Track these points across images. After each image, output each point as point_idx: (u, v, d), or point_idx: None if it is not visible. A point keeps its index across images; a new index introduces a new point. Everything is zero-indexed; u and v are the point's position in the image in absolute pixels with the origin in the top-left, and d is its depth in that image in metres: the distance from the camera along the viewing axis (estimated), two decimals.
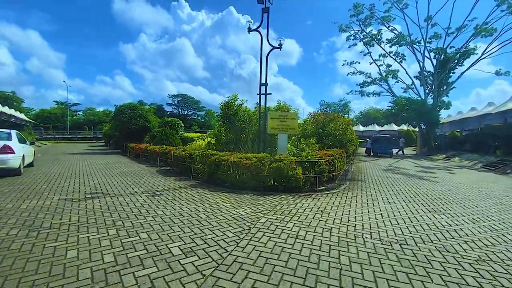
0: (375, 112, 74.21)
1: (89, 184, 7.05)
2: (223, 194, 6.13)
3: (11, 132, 8.32)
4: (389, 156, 20.77)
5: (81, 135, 53.02)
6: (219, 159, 7.05)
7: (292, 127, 8.32)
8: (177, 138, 15.68)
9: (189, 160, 8.66)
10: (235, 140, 10.85)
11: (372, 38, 27.29)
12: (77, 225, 3.82)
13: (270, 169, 6.44)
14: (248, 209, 4.87)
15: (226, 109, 10.54)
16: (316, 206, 5.27)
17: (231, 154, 7.47)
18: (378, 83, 30.46)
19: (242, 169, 6.58)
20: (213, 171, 7.21)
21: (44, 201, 5.07)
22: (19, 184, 6.73)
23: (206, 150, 8.59)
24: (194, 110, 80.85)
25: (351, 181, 8.48)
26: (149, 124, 21.83)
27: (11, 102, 54.51)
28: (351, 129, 12.90)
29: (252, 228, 3.90)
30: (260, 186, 6.63)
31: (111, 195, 5.75)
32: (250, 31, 8.37)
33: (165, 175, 9.04)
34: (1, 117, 22.50)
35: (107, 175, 8.79)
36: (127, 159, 15.21)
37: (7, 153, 7.38)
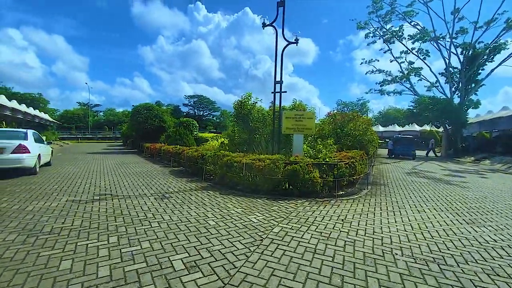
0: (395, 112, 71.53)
1: (100, 184, 6.94)
2: (235, 197, 5.77)
3: (28, 132, 8.42)
4: (412, 158, 19.61)
5: (101, 135, 54.97)
6: (231, 161, 6.71)
7: (308, 127, 7.83)
8: (191, 138, 15.57)
9: (201, 160, 8.40)
10: (248, 140, 10.50)
11: (393, 34, 26.03)
12: (78, 230, 3.59)
13: (284, 171, 6.01)
14: (261, 216, 4.47)
15: (239, 108, 10.21)
16: (336, 214, 4.78)
17: (244, 155, 7.11)
18: (399, 82, 29.07)
19: (255, 171, 6.19)
20: (225, 173, 6.88)
21: (51, 203, 4.93)
22: (32, 183, 6.72)
23: (218, 151, 8.29)
24: (210, 111, 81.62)
25: (373, 185, 7.86)
26: (165, 124, 21.99)
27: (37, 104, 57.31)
28: (372, 130, 12.17)
29: (264, 238, 3.50)
30: (274, 190, 6.22)
31: (119, 197, 5.55)
32: (265, 26, 7.98)
33: (177, 176, 8.83)
34: (25, 118, 23.53)
35: (119, 175, 8.71)
36: (142, 159, 15.29)
37: (22, 153, 7.44)
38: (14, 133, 8.25)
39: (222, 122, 77.47)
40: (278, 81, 7.92)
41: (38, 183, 6.76)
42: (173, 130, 17.10)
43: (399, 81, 28.96)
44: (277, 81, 7.92)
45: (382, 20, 25.98)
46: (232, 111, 10.86)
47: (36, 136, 8.95)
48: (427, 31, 25.48)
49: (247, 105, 10.25)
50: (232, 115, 10.89)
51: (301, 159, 6.38)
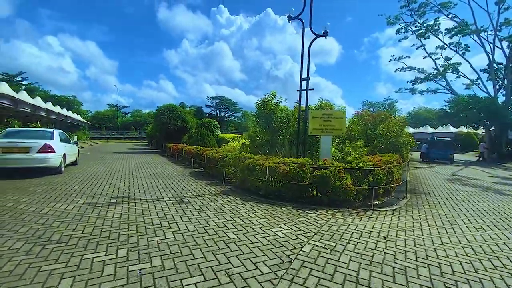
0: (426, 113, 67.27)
1: (119, 186, 6.78)
2: (257, 205, 5.26)
3: (54, 132, 8.57)
4: (449, 162, 17.89)
5: (128, 135, 57.34)
6: (253, 164, 6.22)
7: (338, 128, 7.13)
8: (212, 139, 15.37)
9: (222, 162, 8.00)
10: (270, 141, 9.97)
11: (428, 29, 24.11)
12: (88, 239, 3.28)
13: (312, 177, 5.40)
14: (287, 229, 3.92)
15: (262, 108, 9.72)
16: (375, 229, 4.09)
17: (267, 158, 6.59)
18: (433, 79, 27.00)
19: (279, 176, 5.64)
20: (246, 177, 6.40)
21: (67, 205, 4.75)
22: (55, 183, 6.71)
23: (239, 153, 7.85)
24: (231, 112, 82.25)
25: (412, 194, 6.97)
26: (187, 124, 22.11)
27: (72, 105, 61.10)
28: (406, 131, 11.09)
29: (293, 260, 2.95)
30: (300, 197, 5.63)
31: (136, 201, 5.27)
32: (290, 20, 7.41)
33: (197, 178, 8.52)
34: (59, 118, 24.91)
35: (140, 176, 8.58)
36: (164, 159, 15.34)
37: (47, 152, 7.52)
38: (41, 133, 8.43)
39: (243, 123, 77.69)
40: (304, 78, 7.31)
41: (60, 183, 6.74)
42: (195, 130, 17.03)
43: (433, 78, 26.90)
44: (303, 78, 7.32)
45: (415, 13, 24.20)
46: (254, 111, 10.39)
47: (62, 136, 9.12)
48: (466, 24, 23.33)
49: (271, 104, 9.73)
50: (254, 115, 10.43)
51: (331, 163, 5.72)
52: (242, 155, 7.24)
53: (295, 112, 9.78)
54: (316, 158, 7.80)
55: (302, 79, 7.32)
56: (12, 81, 58.02)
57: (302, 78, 7.32)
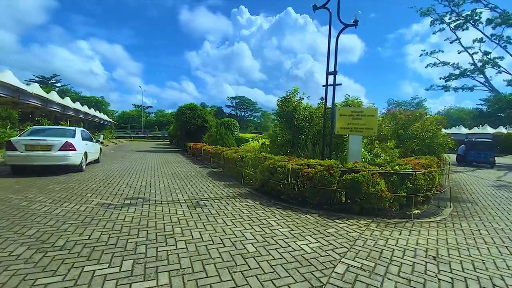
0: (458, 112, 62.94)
1: (136, 185, 6.59)
2: (278, 211, 4.76)
3: (76, 130, 8.65)
4: (490, 166, 16.19)
5: (152, 134, 59.22)
6: (274, 165, 5.72)
7: (369, 127, 6.44)
8: (231, 138, 15.09)
9: (241, 163, 7.60)
10: (292, 141, 9.41)
11: (467, 19, 22.10)
12: (93, 247, 2.98)
13: (342, 182, 4.80)
14: (315, 242, 3.39)
15: (283, 105, 9.18)
16: (420, 245, 3.44)
17: (289, 159, 6.06)
18: (469, 76, 24.84)
19: (303, 179, 5.11)
20: (266, 179, 5.93)
21: (80, 206, 4.56)
22: (73, 181, 6.67)
23: (259, 153, 7.40)
24: (251, 112, 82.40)
25: (455, 203, 6.10)
26: (207, 124, 22.09)
27: (100, 105, 64.32)
28: (443, 132, 10.02)
29: (325, 284, 2.43)
30: (327, 203, 5.06)
31: (150, 203, 4.99)
32: (316, 9, 6.82)
33: (215, 178, 8.19)
34: (86, 117, 26.01)
35: (158, 175, 8.41)
36: (184, 158, 15.30)
37: (68, 150, 7.55)
38: (63, 131, 8.54)
39: (262, 122, 77.48)
40: (331, 72, 6.68)
41: (79, 181, 6.69)
42: (214, 130, 16.87)
43: (469, 74, 24.76)
44: (330, 72, 6.70)
45: (451, 3, 22.33)
46: (274, 110, 9.88)
47: (84, 134, 9.21)
48: (508, 14, 21.13)
49: (292, 101, 9.17)
50: (275, 113, 9.92)
51: (362, 166, 5.08)
52: (262, 156, 6.78)
53: (319, 110, 9.15)
54: (343, 160, 7.16)
55: (328, 73, 6.71)
56: (47, 83, 62.38)
57: (328, 72, 6.71)
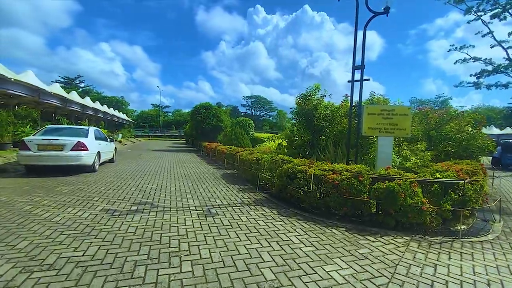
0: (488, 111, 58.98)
1: (146, 188, 6.26)
2: (300, 223, 4.19)
3: (89, 129, 8.51)
4: None
5: (169, 133, 60.20)
6: (294, 170, 5.15)
7: (401, 127, 5.71)
8: (246, 138, 14.63)
9: (256, 165, 7.08)
10: (311, 142, 8.77)
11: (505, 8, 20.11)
12: (85, 267, 2.57)
13: (374, 191, 4.15)
14: (346, 267, 2.80)
15: (302, 103, 8.56)
16: (479, 276, 2.75)
17: (310, 162, 5.46)
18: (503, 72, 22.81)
19: (327, 186, 4.51)
20: (285, 185, 5.36)
21: (84, 212, 4.23)
22: (83, 183, 6.44)
23: (275, 155, 6.84)
24: (266, 111, 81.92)
25: (504, 216, 5.23)
26: (222, 123, 21.80)
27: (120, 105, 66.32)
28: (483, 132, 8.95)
29: None
30: (355, 215, 4.43)
31: (158, 209, 4.59)
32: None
33: (229, 181, 7.73)
34: (105, 117, 26.58)
35: (170, 177, 8.08)
36: (198, 158, 15.04)
37: (80, 150, 7.38)
38: (76, 130, 8.42)
39: (278, 122, 76.70)
40: (358, 66, 6.00)
41: (88, 183, 6.46)
42: (229, 129, 16.49)
43: (503, 71, 22.73)
44: (356, 66, 6.01)
45: None
46: (292, 108, 9.27)
47: (97, 133, 9.07)
48: None
49: (313, 99, 8.52)
50: (293, 112, 9.31)
51: (398, 173, 4.39)
52: (279, 159, 6.23)
53: (342, 109, 8.45)
54: (369, 164, 6.46)
55: (355, 67, 6.02)
56: (71, 83, 65.21)
57: (354, 66, 6.02)
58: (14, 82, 11.28)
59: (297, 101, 8.99)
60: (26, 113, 11.63)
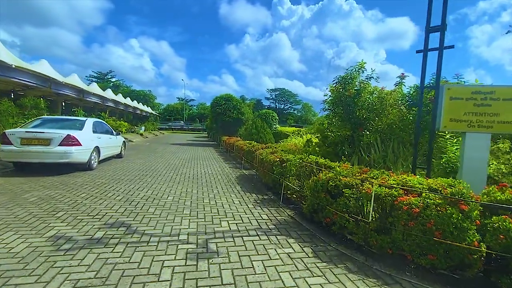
0: None
1: (136, 197, 4.87)
2: (353, 280, 2.46)
3: (86, 121, 7.34)
4: None
5: (192, 126, 60.32)
6: (337, 183, 3.39)
7: (506, 120, 3.69)
8: (269, 132, 12.94)
9: (279, 169, 5.39)
10: (351, 139, 6.86)
11: None
12: None
13: (490, 233, 2.29)
14: None
15: (341, 88, 6.65)
16: None
17: (362, 171, 3.63)
18: None
19: (398, 216, 2.70)
20: (323, 204, 3.62)
21: (23, 241, 2.87)
22: (64, 187, 5.22)
23: (306, 156, 5.10)
24: (291, 104, 79.26)
25: None
26: (243, 116, 20.27)
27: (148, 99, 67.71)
28: None
29: None
30: (451, 269, 2.60)
31: (130, 240, 3.11)
32: None
33: (245, 187, 6.15)
34: (127, 109, 26.29)
35: (176, 178, 6.70)
36: (216, 154, 13.70)
37: (70, 145, 6.21)
38: (70, 122, 7.30)
39: (303, 115, 73.85)
40: (433, 28, 4.00)
41: (70, 187, 5.23)
42: (250, 123, 14.88)
43: None
44: (431, 28, 4.02)
45: None
46: (327, 95, 7.34)
47: (98, 126, 7.91)
48: None
49: (354, 82, 6.57)
50: (327, 101, 7.40)
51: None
52: (312, 161, 4.48)
53: (395, 94, 6.41)
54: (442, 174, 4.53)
55: (429, 29, 4.03)
56: (104, 78, 67.79)
57: (429, 28, 4.03)
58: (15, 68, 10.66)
59: (333, 88, 7.09)
60: (33, 103, 11.01)
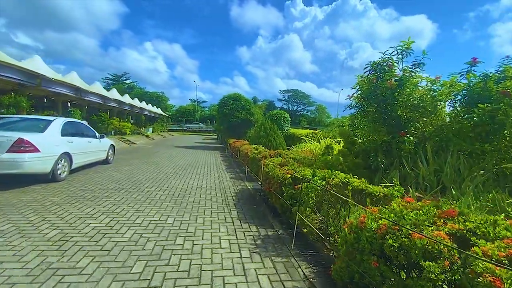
0: None
1: (80, 233, 3.39)
2: None
3: (52, 122, 5.98)
4: None
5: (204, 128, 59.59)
6: (403, 245, 1.73)
7: None
8: (279, 136, 11.30)
9: (291, 189, 3.75)
10: (387, 146, 5.12)
11: None
12: None
13: None
14: None
15: (376, 78, 4.94)
16: None
17: (443, 214, 1.95)
18: None
19: None
20: (374, 279, 1.97)
21: None
22: (0, 213, 3.82)
23: (330, 175, 3.44)
24: (304, 106, 77.24)
25: None
26: (252, 117, 18.71)
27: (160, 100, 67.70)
28: None
29: None
30: None
31: None
32: None
33: (245, 211, 4.56)
34: (133, 110, 25.31)
35: (155, 196, 5.20)
36: (220, 159, 12.22)
37: (22, 152, 4.85)
38: (32, 123, 5.96)
39: (317, 117, 71.61)
40: None
41: (5, 213, 3.82)
42: (258, 124, 13.30)
43: None
44: None
45: None
46: (356, 88, 5.62)
47: (71, 127, 6.55)
48: None
49: (393, 72, 4.84)
50: (356, 97, 5.67)
51: None
52: (340, 179, 2.83)
53: (457, 87, 4.62)
54: None
55: None
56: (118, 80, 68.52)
57: None
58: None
59: (363, 79, 5.39)
60: (13, 101, 9.90)
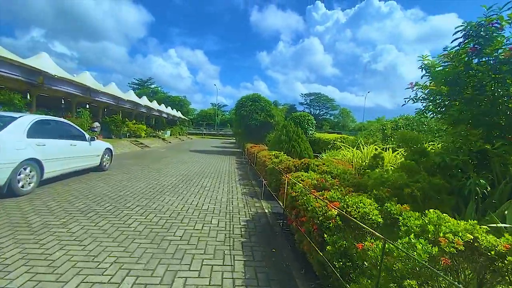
0: None
1: None
2: None
3: (15, 120, 4.73)
4: None
5: (222, 132, 58.99)
6: None
7: None
8: (304, 140, 9.55)
9: (340, 241, 2.04)
10: (483, 157, 3.19)
11: None
12: None
13: None
14: None
15: (463, 54, 3.07)
16: None
17: None
18: None
19: None
20: None
21: None
22: None
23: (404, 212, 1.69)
24: (327, 109, 74.22)
25: None
26: (272, 119, 17.06)
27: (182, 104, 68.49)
28: None
29: None
30: None
31: None
32: None
33: (258, 261, 2.91)
34: (150, 112, 24.70)
35: (129, 226, 3.72)
36: (234, 167, 10.70)
37: None
38: None
39: (340, 121, 68.39)
40: None
41: None
42: (280, 127, 11.63)
43: None
44: None
45: None
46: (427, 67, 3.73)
47: (44, 127, 5.29)
48: None
49: (500, 42, 2.96)
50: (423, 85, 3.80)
51: None
52: None
53: None
54: None
55: None
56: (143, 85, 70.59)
57: None
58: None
59: (450, 53, 3.52)
60: (6, 99, 9.09)
